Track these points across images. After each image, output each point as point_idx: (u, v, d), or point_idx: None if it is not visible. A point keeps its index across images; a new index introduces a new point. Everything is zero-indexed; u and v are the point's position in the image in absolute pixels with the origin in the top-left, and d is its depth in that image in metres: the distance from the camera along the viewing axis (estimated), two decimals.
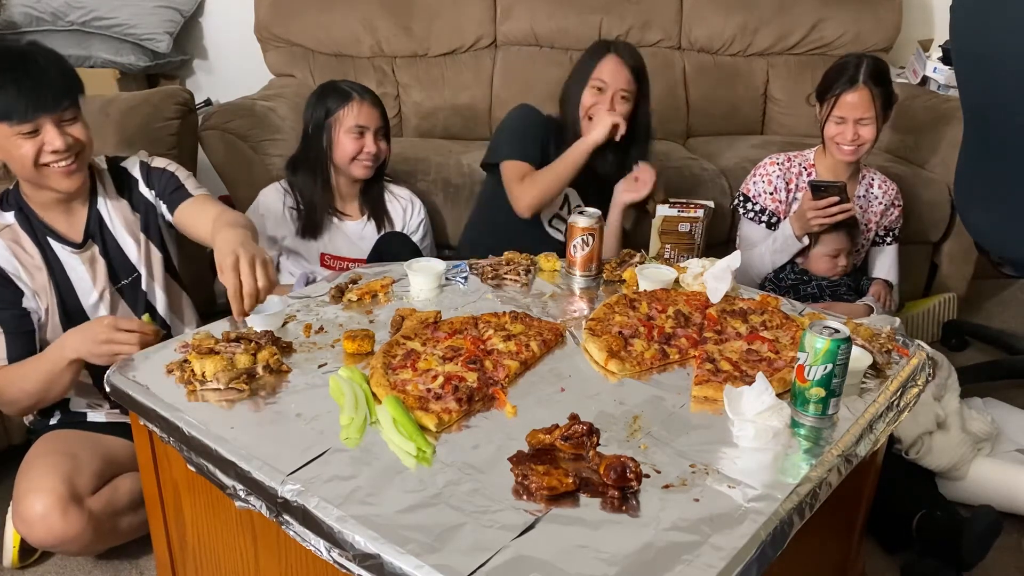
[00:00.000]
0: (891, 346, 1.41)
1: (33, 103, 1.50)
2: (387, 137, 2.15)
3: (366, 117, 2.07)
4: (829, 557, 1.52)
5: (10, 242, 1.61)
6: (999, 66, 1.87)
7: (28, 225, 1.64)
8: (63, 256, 1.66)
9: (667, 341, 1.42)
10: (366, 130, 2.07)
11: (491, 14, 3.14)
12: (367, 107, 2.08)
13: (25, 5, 2.92)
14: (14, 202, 1.65)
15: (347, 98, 2.07)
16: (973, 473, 1.85)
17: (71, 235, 1.68)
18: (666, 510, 1.00)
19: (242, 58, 3.19)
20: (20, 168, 1.56)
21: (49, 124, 1.53)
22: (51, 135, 1.52)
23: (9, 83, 1.49)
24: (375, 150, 2.08)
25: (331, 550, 0.98)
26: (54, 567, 1.71)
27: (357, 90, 2.10)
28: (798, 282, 2.23)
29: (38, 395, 1.56)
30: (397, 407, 1.14)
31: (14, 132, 1.51)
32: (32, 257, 1.63)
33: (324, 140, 2.08)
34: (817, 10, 3.24)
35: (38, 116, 1.51)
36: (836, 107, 2.15)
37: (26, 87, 1.50)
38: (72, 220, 1.68)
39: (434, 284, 1.64)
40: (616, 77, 2.11)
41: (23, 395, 1.57)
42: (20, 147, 1.52)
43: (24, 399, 1.58)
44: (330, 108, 2.07)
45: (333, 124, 2.07)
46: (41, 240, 1.64)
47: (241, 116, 2.48)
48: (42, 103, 1.51)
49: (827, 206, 2.08)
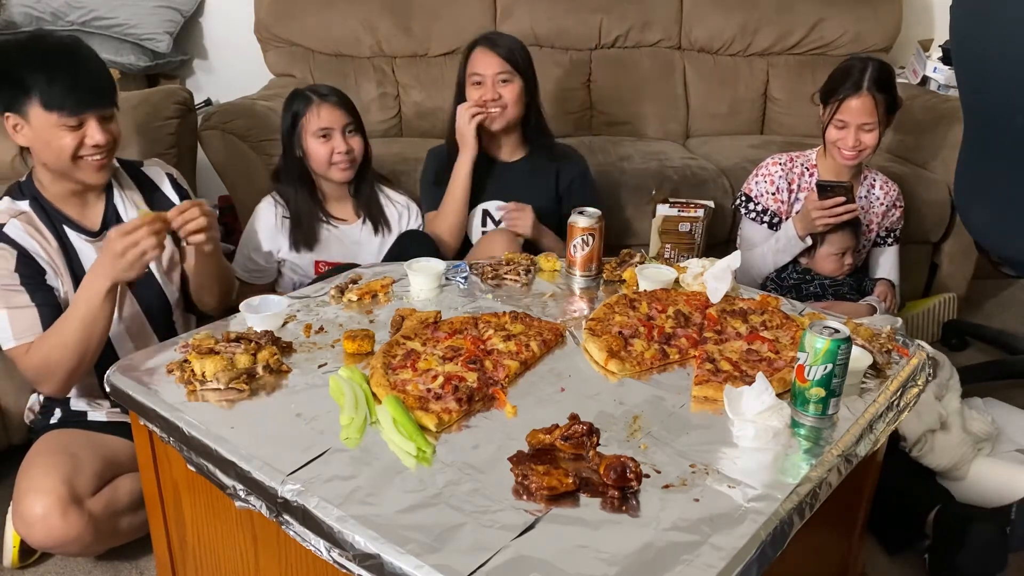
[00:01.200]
0: (891, 346, 1.41)
1: (84, 98, 1.55)
2: (360, 132, 2.09)
3: (327, 118, 2.02)
4: (829, 557, 1.52)
5: (27, 225, 1.62)
6: (999, 66, 1.87)
7: (44, 213, 1.64)
8: (78, 244, 1.67)
9: (667, 341, 1.42)
10: (331, 131, 2.02)
11: (491, 14, 3.14)
12: (327, 108, 2.03)
13: (25, 5, 2.92)
14: (28, 192, 1.65)
15: (308, 102, 2.03)
16: (973, 473, 1.85)
17: (87, 224, 1.69)
18: (666, 510, 1.00)
19: (242, 58, 3.19)
20: (54, 158, 1.58)
21: (93, 120, 1.57)
22: (93, 130, 1.57)
23: (64, 76, 1.53)
24: (345, 148, 2.03)
25: (331, 550, 0.98)
26: (54, 567, 1.71)
27: (318, 92, 2.06)
28: (800, 281, 2.23)
29: (81, 345, 1.54)
30: (397, 407, 1.14)
31: (60, 123, 1.54)
32: (49, 243, 1.63)
33: (298, 149, 2.07)
34: (817, 10, 3.24)
35: (87, 111, 1.55)
36: (839, 111, 2.14)
37: (80, 82, 1.55)
38: (87, 211, 1.70)
39: (434, 284, 1.64)
40: (488, 66, 2.12)
41: (66, 353, 1.54)
42: (62, 138, 1.55)
43: (68, 358, 1.55)
44: (295, 115, 2.05)
45: (301, 131, 2.04)
46: (57, 228, 1.65)
47: (241, 116, 2.48)
48: (92, 99, 1.56)
49: (833, 206, 2.08)
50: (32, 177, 1.67)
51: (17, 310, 1.56)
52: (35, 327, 1.57)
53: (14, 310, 1.56)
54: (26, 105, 1.53)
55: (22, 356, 1.58)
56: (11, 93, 1.54)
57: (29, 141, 1.58)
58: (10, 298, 1.56)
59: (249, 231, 2.13)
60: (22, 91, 1.53)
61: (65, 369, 1.56)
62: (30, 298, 1.58)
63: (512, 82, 2.13)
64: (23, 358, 1.58)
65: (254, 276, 2.13)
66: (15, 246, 1.58)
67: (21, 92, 1.53)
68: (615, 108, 3.17)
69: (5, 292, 1.56)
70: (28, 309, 1.57)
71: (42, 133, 1.55)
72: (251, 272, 2.12)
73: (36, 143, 1.57)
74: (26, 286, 1.58)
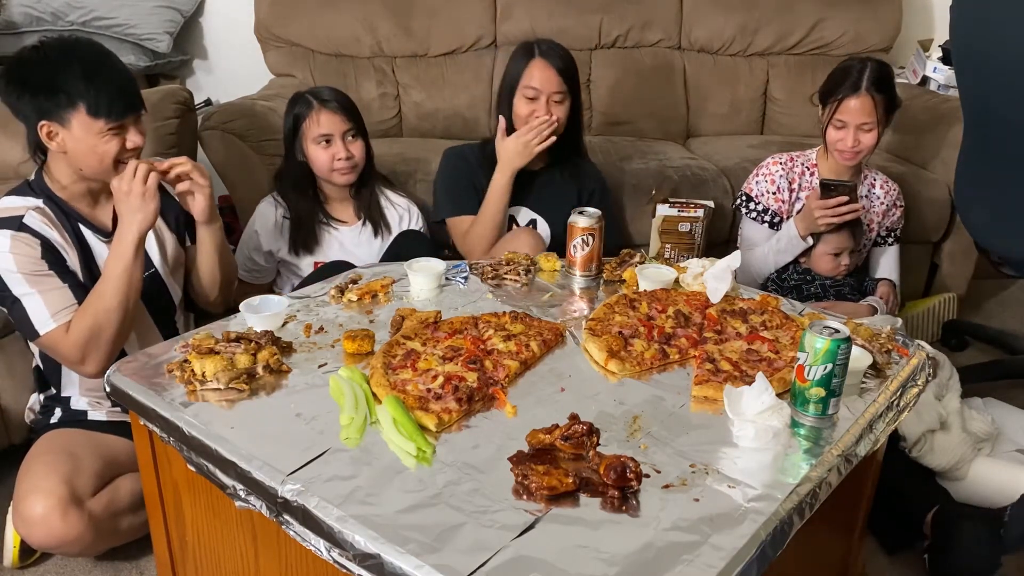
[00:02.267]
0: (891, 346, 1.41)
1: (126, 102, 1.58)
2: (362, 136, 2.08)
3: (327, 124, 2.01)
4: (829, 557, 1.52)
5: (43, 218, 1.61)
6: (999, 65, 1.87)
7: (59, 210, 1.64)
8: (92, 243, 1.68)
9: (667, 341, 1.42)
10: (331, 137, 2.01)
11: (491, 14, 3.14)
12: (327, 114, 2.02)
13: (25, 5, 2.91)
14: (40, 190, 1.65)
15: (308, 107, 2.03)
16: (973, 473, 1.85)
17: (100, 223, 1.70)
18: (666, 510, 1.00)
19: (242, 58, 3.19)
20: (96, 164, 1.59)
21: (131, 123, 1.60)
22: (133, 133, 1.60)
23: (105, 82, 1.54)
24: (346, 154, 2.02)
25: (331, 550, 0.98)
26: (54, 567, 1.71)
27: (320, 96, 2.04)
28: (801, 282, 2.23)
29: (122, 305, 1.56)
30: (397, 407, 1.14)
31: (105, 129, 1.55)
32: (65, 237, 1.63)
33: (299, 153, 2.07)
34: (817, 10, 3.24)
35: (129, 115, 1.58)
36: (838, 112, 2.14)
37: (122, 87, 1.57)
38: (98, 210, 1.70)
39: (434, 284, 1.64)
40: (546, 82, 2.07)
41: (110, 317, 1.56)
42: (107, 143, 1.57)
43: (112, 321, 1.56)
44: (297, 118, 2.04)
45: (302, 136, 2.04)
46: (72, 224, 1.65)
47: (241, 116, 2.48)
48: (132, 103, 1.59)
49: (836, 205, 2.08)
50: (43, 176, 1.66)
51: (50, 292, 1.56)
52: (71, 305, 1.58)
53: (47, 292, 1.56)
54: (69, 112, 1.53)
55: (62, 337, 1.56)
56: (52, 102, 1.53)
57: (67, 148, 1.57)
58: (41, 282, 1.56)
59: (250, 231, 2.13)
60: (65, 99, 1.52)
61: (109, 334, 1.57)
62: (60, 280, 1.58)
63: (565, 102, 2.10)
64: (63, 339, 1.56)
65: (254, 275, 2.13)
66: (37, 235, 1.58)
67: (64, 100, 1.52)
68: (615, 108, 3.17)
69: (35, 277, 1.56)
70: (61, 290, 1.58)
71: (85, 139, 1.55)
72: (251, 272, 2.13)
73: (77, 149, 1.57)
74: (54, 270, 1.58)
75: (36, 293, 1.55)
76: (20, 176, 1.87)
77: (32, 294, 1.55)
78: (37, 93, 1.53)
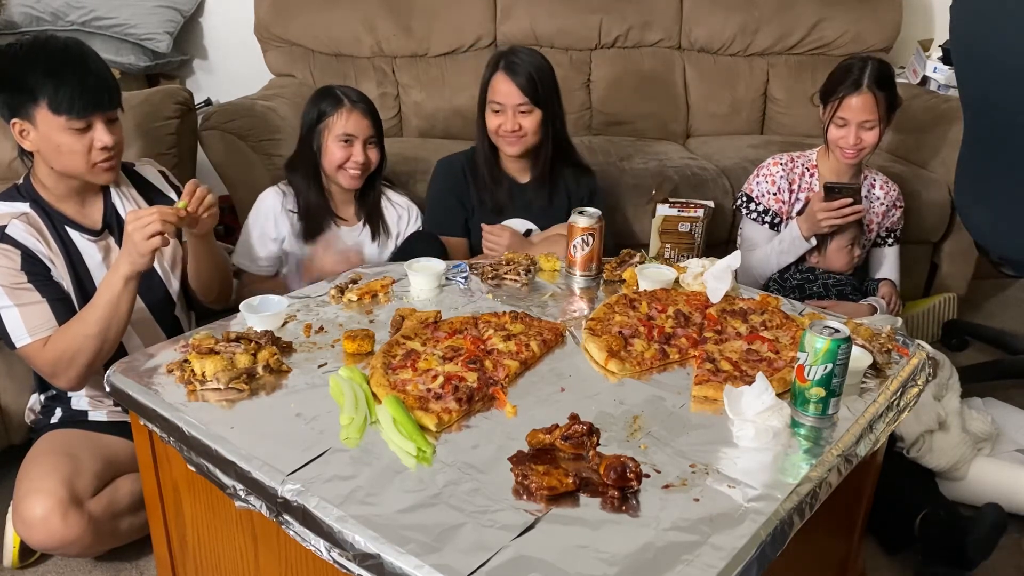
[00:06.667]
0: (891, 346, 1.41)
1: (90, 101, 1.55)
2: (380, 145, 2.11)
3: (354, 126, 2.02)
4: (829, 557, 1.52)
5: (27, 226, 1.61)
6: (999, 65, 1.87)
7: (44, 214, 1.64)
8: (80, 244, 1.68)
9: (667, 341, 1.42)
10: (354, 139, 2.02)
11: (491, 14, 3.14)
12: (357, 116, 2.03)
13: (25, 5, 2.91)
14: (27, 194, 1.65)
15: (339, 104, 2.03)
16: (973, 473, 1.85)
17: (88, 223, 1.69)
18: (666, 510, 1.00)
19: (242, 58, 3.19)
20: (68, 161, 1.58)
21: (100, 122, 1.57)
22: (100, 132, 1.58)
23: (70, 79, 1.53)
24: (363, 159, 2.03)
25: (331, 550, 0.98)
26: (54, 567, 1.71)
27: (351, 97, 2.06)
28: (804, 281, 2.23)
29: (101, 335, 1.55)
30: (397, 407, 1.14)
31: (67, 126, 1.54)
32: (50, 243, 1.63)
33: (315, 144, 2.07)
34: (817, 10, 3.25)
35: (93, 113, 1.56)
36: (839, 110, 2.14)
37: (87, 84, 1.55)
38: (87, 211, 1.70)
39: (434, 284, 1.64)
40: (509, 96, 2.06)
41: (87, 343, 1.54)
42: (70, 142, 1.55)
43: (89, 347, 1.55)
44: (322, 112, 2.04)
45: (324, 129, 2.04)
46: (59, 229, 1.65)
47: (241, 116, 2.48)
48: (98, 101, 1.56)
49: (839, 207, 2.09)
50: (30, 179, 1.66)
51: (28, 306, 1.56)
52: (49, 321, 1.57)
53: (25, 307, 1.56)
54: (33, 109, 1.53)
55: (38, 351, 1.57)
56: (18, 99, 1.54)
57: (37, 146, 1.58)
58: (20, 296, 1.56)
59: (251, 219, 2.12)
60: (29, 96, 1.52)
61: (85, 359, 1.56)
62: (40, 294, 1.58)
63: (533, 113, 2.09)
64: (39, 353, 1.57)
65: (256, 265, 2.13)
66: (18, 246, 1.58)
67: (28, 97, 1.53)
68: (615, 108, 3.17)
69: (14, 290, 1.56)
70: (39, 305, 1.57)
71: (50, 137, 1.55)
72: (253, 260, 2.12)
73: (45, 147, 1.57)
74: (34, 282, 1.58)
75: (14, 306, 1.56)
76: (13, 174, 1.87)
77: (10, 307, 1.55)
78: (5, 90, 1.54)
